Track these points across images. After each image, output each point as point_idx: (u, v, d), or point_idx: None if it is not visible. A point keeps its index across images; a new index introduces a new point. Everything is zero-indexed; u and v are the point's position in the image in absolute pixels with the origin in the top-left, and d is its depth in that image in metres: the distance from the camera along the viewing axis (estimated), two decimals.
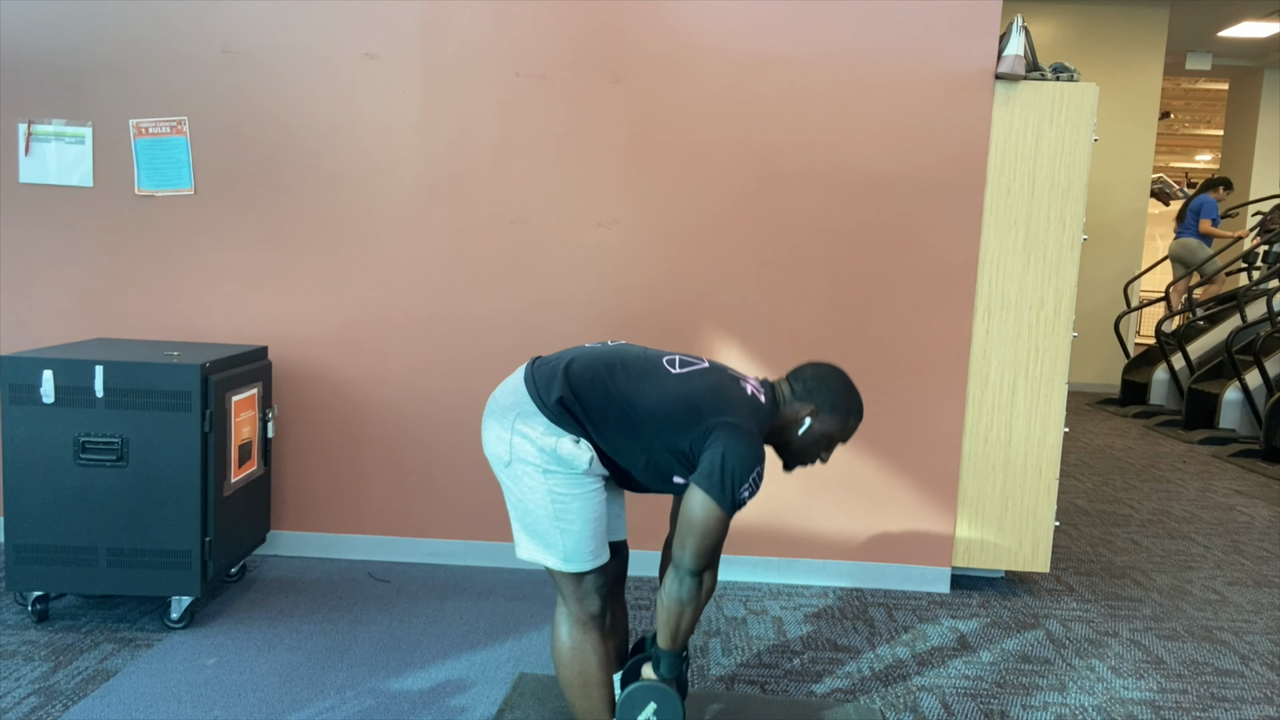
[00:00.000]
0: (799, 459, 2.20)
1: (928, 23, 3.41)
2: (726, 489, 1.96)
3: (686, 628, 2.06)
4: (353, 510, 3.68)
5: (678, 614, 2.04)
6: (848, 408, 2.16)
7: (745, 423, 2.03)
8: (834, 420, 2.15)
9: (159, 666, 2.76)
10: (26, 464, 2.92)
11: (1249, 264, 8.60)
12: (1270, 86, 10.47)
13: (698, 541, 1.99)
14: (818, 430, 2.15)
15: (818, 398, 2.14)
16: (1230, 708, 2.83)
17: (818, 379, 2.16)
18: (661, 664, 2.07)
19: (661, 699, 2.05)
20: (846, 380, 2.18)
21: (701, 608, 2.08)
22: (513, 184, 3.54)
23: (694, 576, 2.02)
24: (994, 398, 3.54)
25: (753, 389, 2.13)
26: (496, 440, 2.09)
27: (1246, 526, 4.81)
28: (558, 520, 2.06)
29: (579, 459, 2.04)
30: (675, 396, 2.04)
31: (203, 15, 3.51)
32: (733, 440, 1.98)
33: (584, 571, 2.10)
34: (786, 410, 2.15)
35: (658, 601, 2.07)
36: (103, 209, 3.59)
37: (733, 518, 2.02)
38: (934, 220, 3.49)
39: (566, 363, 2.10)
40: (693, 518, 1.99)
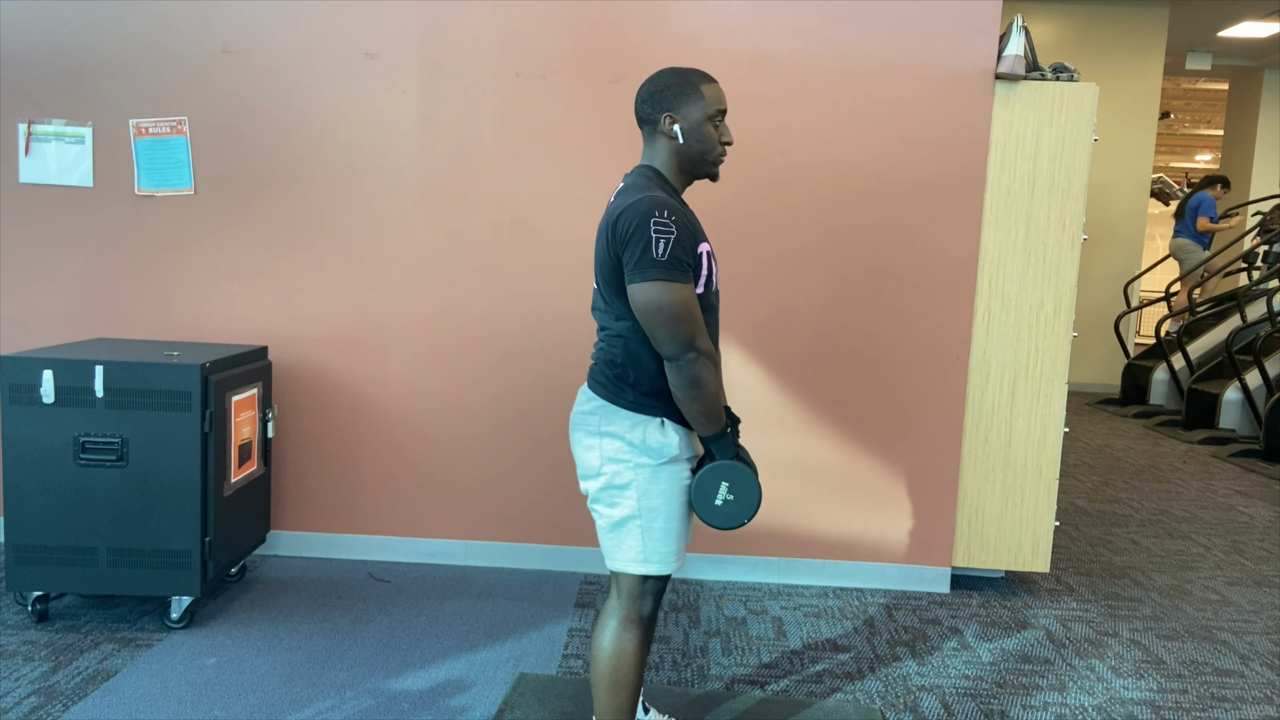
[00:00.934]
0: (707, 159, 2.09)
1: (928, 23, 3.41)
2: (645, 260, 1.91)
3: (710, 405, 1.99)
4: (353, 510, 3.68)
5: (694, 395, 1.97)
6: (687, 83, 2.06)
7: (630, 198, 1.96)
8: (692, 104, 2.05)
9: (159, 666, 2.76)
10: (26, 464, 2.92)
11: (1249, 264, 8.60)
12: (1270, 86, 10.46)
13: (658, 324, 1.93)
14: (688, 124, 2.05)
15: (662, 104, 2.05)
16: (1230, 708, 2.83)
17: (649, 95, 2.07)
18: (714, 448, 2.03)
19: (730, 475, 2.02)
20: (669, 70, 2.08)
21: (713, 379, 1.99)
22: (513, 184, 3.54)
23: (682, 356, 1.95)
24: (994, 398, 3.54)
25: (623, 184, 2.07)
26: (585, 449, 2.09)
27: (1246, 526, 4.81)
28: (642, 517, 2.05)
29: (668, 444, 2.03)
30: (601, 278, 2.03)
31: (203, 15, 3.51)
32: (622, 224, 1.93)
33: (659, 575, 2.09)
34: (659, 147, 2.08)
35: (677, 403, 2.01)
36: (103, 209, 3.59)
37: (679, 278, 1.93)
38: (934, 220, 3.49)
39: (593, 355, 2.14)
40: (638, 308, 1.94)
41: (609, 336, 2.08)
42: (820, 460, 3.58)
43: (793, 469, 3.59)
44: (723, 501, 2.03)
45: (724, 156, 2.12)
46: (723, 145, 2.10)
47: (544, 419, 3.60)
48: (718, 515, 2.03)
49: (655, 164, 2.09)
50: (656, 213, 1.92)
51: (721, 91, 2.09)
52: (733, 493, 2.02)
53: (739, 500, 2.03)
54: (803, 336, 3.55)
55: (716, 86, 2.09)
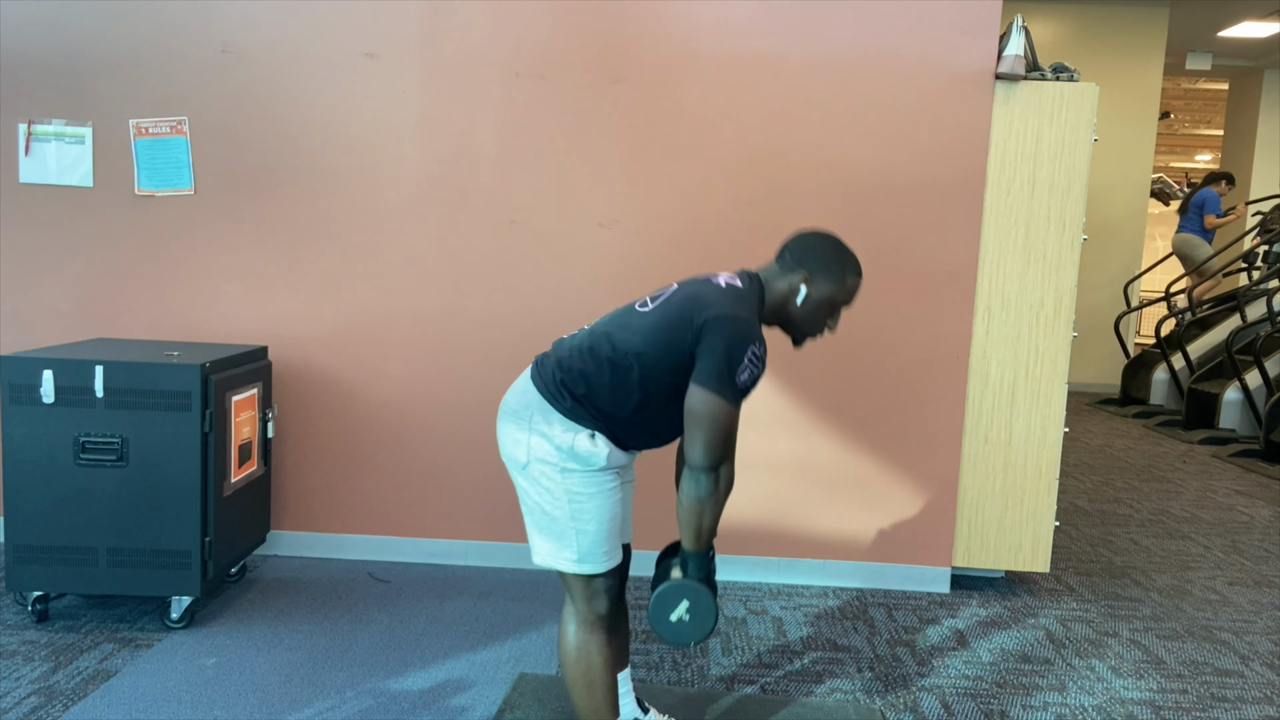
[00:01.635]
0: (806, 330, 2.13)
1: (928, 23, 3.41)
2: (724, 375, 1.92)
3: (709, 526, 2.01)
4: (353, 510, 3.68)
5: (698, 513, 1.99)
6: (842, 267, 2.09)
7: (726, 309, 1.97)
8: (830, 283, 2.09)
9: (159, 666, 2.76)
10: (26, 464, 2.92)
11: (1249, 264, 8.60)
12: (1270, 86, 10.46)
13: (705, 434, 1.94)
14: (815, 297, 2.09)
15: (809, 264, 2.08)
16: (1230, 708, 2.83)
17: (805, 247, 2.10)
18: (690, 565, 2.03)
19: (694, 596, 2.01)
20: (836, 241, 2.12)
21: (722, 503, 2.01)
22: (513, 184, 3.54)
23: (709, 472, 1.97)
24: (994, 398, 3.54)
25: (726, 280, 2.08)
26: (513, 443, 2.09)
27: (1246, 526, 4.81)
28: (574, 520, 2.05)
29: (596, 455, 2.03)
30: (656, 328, 2.01)
31: (203, 15, 3.51)
32: (719, 328, 1.94)
33: (597, 574, 2.10)
34: (779, 285, 2.10)
35: (677, 505, 2.02)
36: (103, 209, 3.59)
37: (740, 404, 1.96)
38: (934, 220, 3.49)
39: (561, 353, 2.11)
40: (694, 411, 1.95)
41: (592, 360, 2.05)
42: (820, 460, 3.58)
43: (793, 469, 3.59)
44: (677, 619, 2.02)
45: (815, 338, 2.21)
46: (824, 331, 2.15)
47: None
48: (668, 630, 2.03)
49: (768, 290, 2.11)
50: (755, 345, 1.96)
51: (857, 290, 2.13)
52: (690, 613, 2.02)
53: (693, 622, 2.02)
54: None
55: (858, 283, 2.13)
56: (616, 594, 2.17)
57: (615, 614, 2.20)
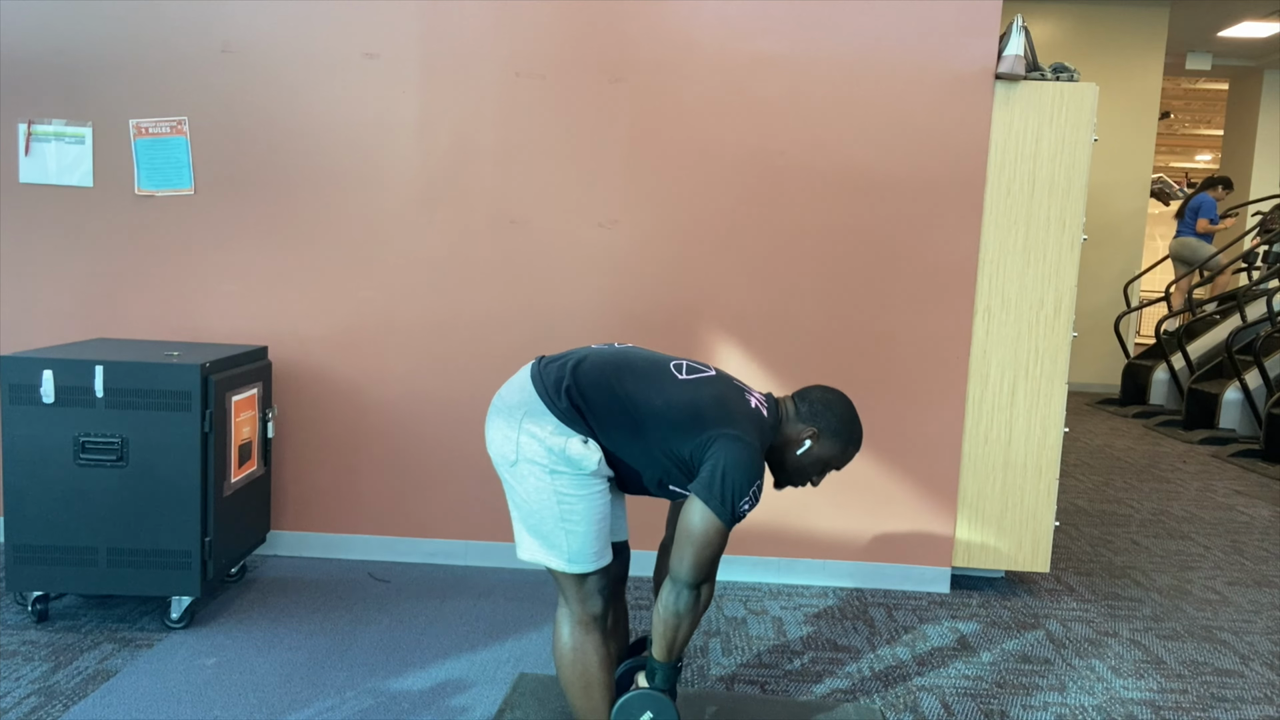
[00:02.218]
0: (792, 479, 2.20)
1: (928, 23, 3.41)
2: (726, 501, 1.97)
3: (683, 640, 2.06)
4: (353, 510, 3.68)
5: (674, 626, 2.04)
6: (849, 436, 2.17)
7: (747, 435, 2.03)
8: (833, 446, 2.16)
9: (159, 666, 2.76)
10: (26, 464, 2.92)
11: (1249, 264, 8.60)
12: (1270, 86, 10.46)
13: (696, 553, 1.99)
14: (816, 453, 2.15)
15: (821, 421, 2.15)
16: (1230, 708, 2.83)
17: (825, 404, 2.17)
18: (657, 675, 2.07)
19: (658, 709, 2.05)
20: (852, 409, 2.19)
21: (698, 620, 2.08)
22: (513, 184, 3.54)
23: (691, 589, 2.02)
24: (994, 398, 3.54)
25: (756, 402, 2.13)
26: (503, 439, 2.09)
27: (1246, 526, 4.81)
28: (563, 521, 2.05)
29: (587, 460, 2.04)
30: (680, 403, 2.04)
31: (203, 15, 3.51)
32: (734, 451, 1.98)
33: (587, 573, 2.10)
34: (789, 428, 2.16)
35: (654, 613, 2.06)
36: (103, 209, 3.59)
37: (730, 527, 2.01)
38: (934, 220, 3.49)
39: (575, 362, 2.11)
40: (692, 529, 1.99)
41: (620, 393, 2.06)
42: None
43: None
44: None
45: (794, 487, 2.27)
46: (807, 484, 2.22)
47: None
48: None
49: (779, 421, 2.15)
50: (758, 480, 2.01)
51: (849, 460, 2.22)
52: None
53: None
54: (802, 336, 3.55)
55: (853, 455, 2.23)
56: (611, 593, 2.18)
57: (611, 614, 2.20)
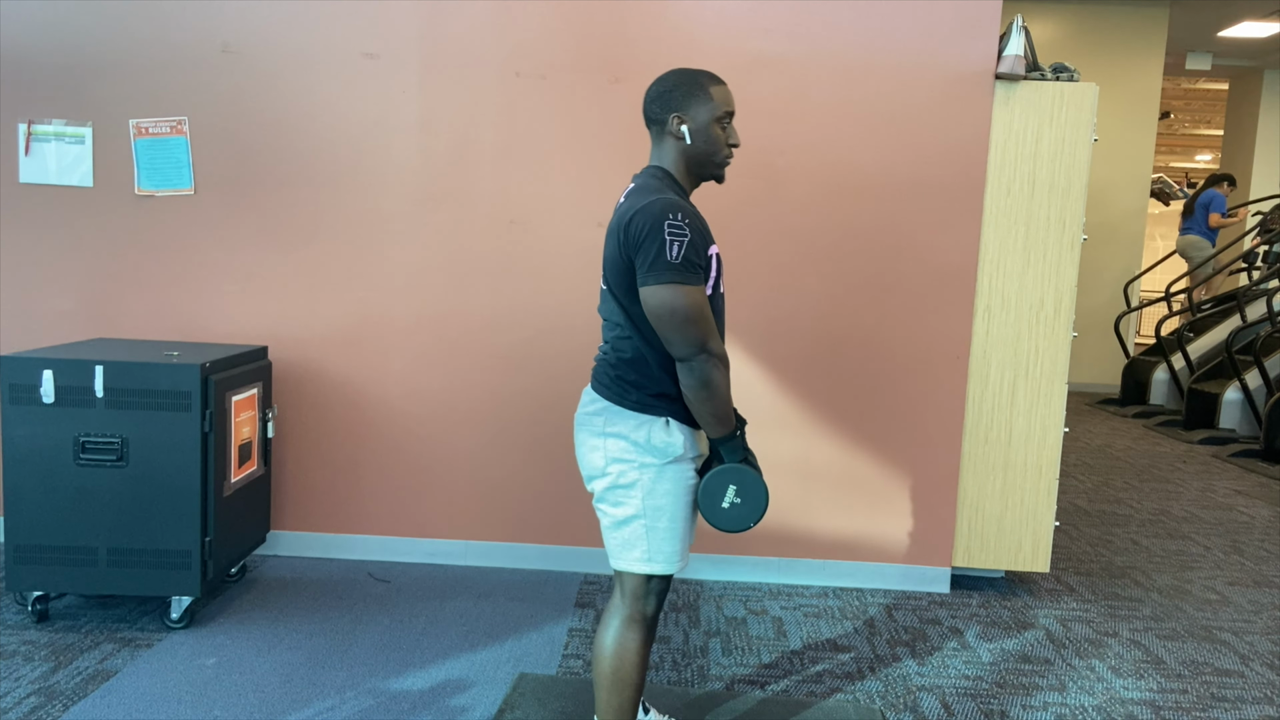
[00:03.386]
0: (714, 159, 2.09)
1: (928, 23, 3.41)
2: (658, 262, 1.91)
3: (722, 405, 1.99)
4: (353, 510, 3.69)
5: (705, 397, 1.97)
6: (695, 84, 2.06)
7: (637, 203, 1.96)
8: (698, 104, 2.05)
9: (159, 666, 2.76)
10: (26, 464, 2.92)
11: (1249, 264, 8.60)
12: (1270, 86, 10.46)
13: (671, 327, 1.93)
14: (696, 125, 2.06)
15: (670, 107, 2.06)
16: (1230, 708, 2.83)
17: (656, 97, 2.07)
18: (724, 450, 2.03)
19: (739, 478, 2.01)
20: (678, 71, 2.09)
21: (725, 381, 1.99)
22: (513, 184, 3.54)
23: (694, 358, 1.95)
24: (994, 398, 3.54)
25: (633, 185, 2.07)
26: (590, 450, 2.09)
27: (1246, 526, 4.81)
28: (646, 516, 2.05)
29: (672, 444, 2.03)
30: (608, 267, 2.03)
31: (203, 15, 3.51)
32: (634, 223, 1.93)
33: (662, 574, 2.09)
34: (666, 148, 2.08)
35: (687, 403, 2.01)
36: (103, 209, 3.59)
37: (694, 280, 1.93)
38: (934, 220, 3.49)
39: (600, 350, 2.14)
40: (651, 312, 1.94)
41: (617, 338, 2.08)
42: (820, 460, 3.58)
43: (793, 469, 3.59)
44: (729, 504, 2.02)
45: (730, 158, 2.12)
46: (730, 147, 2.10)
47: (544, 418, 3.60)
48: (724, 518, 2.03)
49: (664, 164, 2.10)
50: (670, 215, 1.92)
51: (729, 93, 2.10)
52: (740, 495, 2.02)
53: (745, 503, 2.02)
54: (803, 336, 3.55)
55: (725, 88, 2.09)
56: (665, 597, 2.17)
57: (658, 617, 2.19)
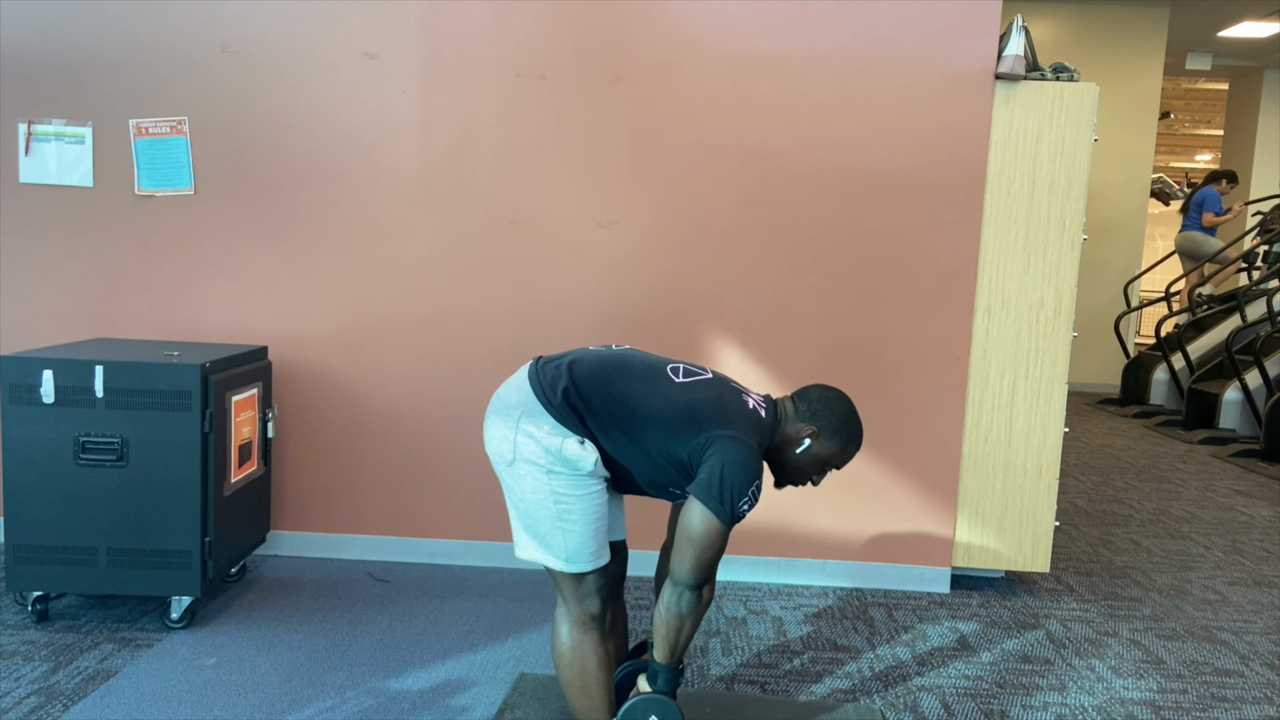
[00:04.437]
0: (792, 478, 2.20)
1: (928, 23, 3.41)
2: (726, 502, 1.97)
3: (685, 641, 2.07)
4: (353, 510, 3.68)
5: (676, 628, 2.04)
6: (848, 435, 2.17)
7: (745, 436, 2.03)
8: (833, 445, 2.16)
9: (159, 666, 2.76)
10: (26, 464, 2.92)
11: (1249, 264, 8.60)
12: (1270, 86, 10.46)
13: (697, 555, 2.00)
14: (815, 452, 2.15)
15: (821, 420, 2.15)
16: (1230, 708, 2.83)
17: (824, 402, 2.17)
18: (659, 678, 2.08)
19: (662, 712, 2.05)
20: (851, 408, 2.19)
21: (700, 621, 2.08)
22: (513, 184, 3.54)
23: (693, 590, 2.02)
24: (994, 398, 3.54)
25: (754, 403, 2.13)
26: (500, 439, 2.09)
27: (1246, 526, 4.81)
28: (560, 520, 2.06)
29: (584, 460, 2.04)
30: (677, 405, 2.05)
31: (203, 15, 3.51)
32: (733, 453, 1.99)
33: (585, 572, 2.10)
34: (788, 428, 2.16)
35: (655, 615, 2.07)
36: (103, 209, 3.59)
37: (730, 528, 2.01)
38: (934, 220, 3.49)
39: (570, 361, 2.11)
40: (692, 531, 1.99)
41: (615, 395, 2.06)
42: None
43: None
44: None
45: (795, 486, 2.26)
46: (807, 483, 2.22)
47: None
48: None
49: (778, 420, 2.16)
50: (757, 480, 2.02)
51: (849, 459, 2.21)
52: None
53: None
54: (803, 336, 3.55)
55: (853, 454, 2.22)
56: (609, 593, 2.18)
57: (610, 614, 2.20)
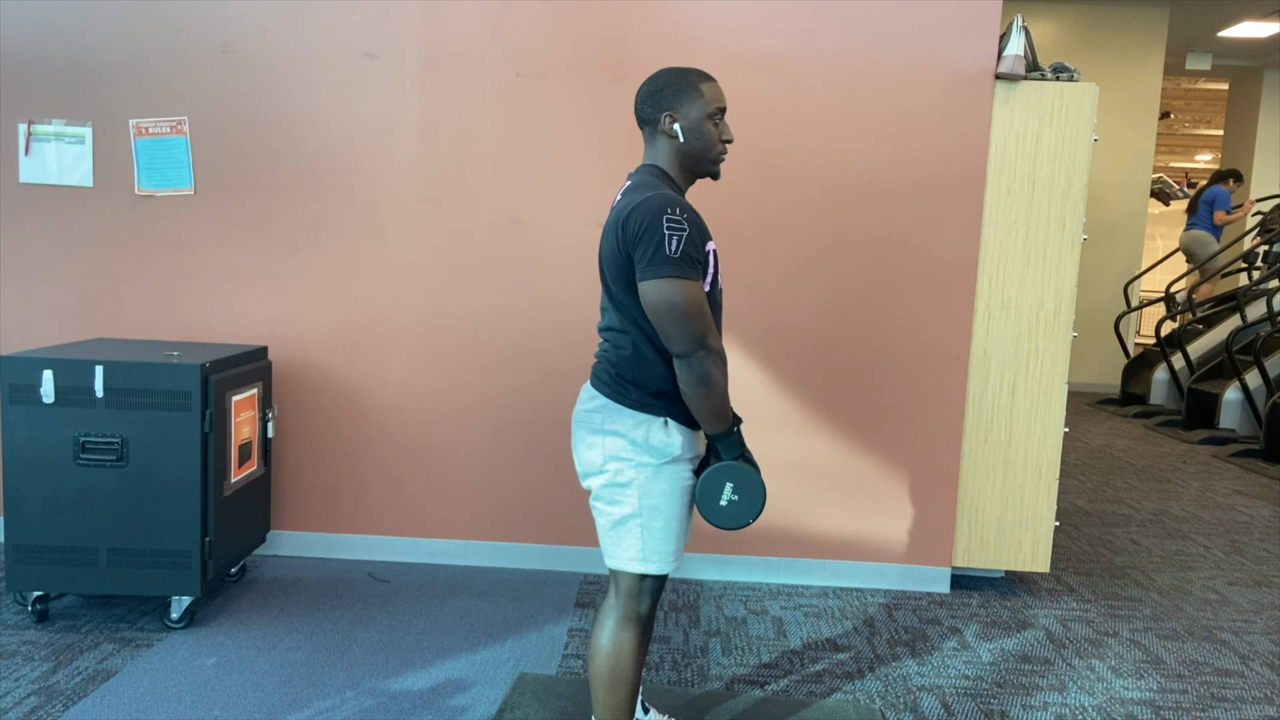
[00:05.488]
0: (708, 156, 2.09)
1: (928, 23, 3.41)
2: (657, 257, 1.91)
3: (719, 404, 1.99)
4: (353, 510, 3.68)
5: (703, 394, 1.97)
6: (686, 82, 2.06)
7: (633, 200, 1.96)
8: (689, 102, 2.06)
9: (159, 666, 2.76)
10: (26, 464, 2.92)
11: (1249, 264, 8.60)
12: (1270, 86, 10.46)
13: (669, 322, 1.93)
14: (688, 123, 2.06)
15: (661, 106, 2.06)
16: (1230, 708, 2.83)
17: (647, 96, 2.08)
18: (720, 448, 2.03)
19: (735, 476, 2.01)
20: (667, 70, 2.09)
21: (723, 378, 1.99)
22: (513, 184, 3.54)
23: (693, 355, 1.95)
24: (994, 398, 3.54)
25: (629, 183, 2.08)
26: (587, 447, 2.09)
27: (1246, 526, 4.81)
28: (642, 515, 2.05)
29: (670, 444, 2.03)
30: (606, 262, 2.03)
31: (203, 15, 3.51)
32: (633, 220, 1.93)
33: (657, 574, 2.09)
34: (660, 147, 2.09)
35: (685, 400, 2.00)
36: (103, 209, 3.59)
37: (692, 275, 1.93)
38: (934, 220, 3.49)
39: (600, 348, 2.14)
40: (650, 306, 1.94)
41: (615, 335, 2.08)
42: (820, 460, 3.58)
43: (793, 469, 3.59)
44: (727, 502, 2.02)
45: (725, 154, 2.13)
46: (723, 143, 2.11)
47: (544, 418, 3.60)
48: (722, 515, 2.03)
49: (659, 163, 2.10)
50: (669, 210, 1.92)
51: (720, 89, 2.10)
52: (737, 493, 2.01)
53: (743, 500, 2.02)
54: (803, 336, 3.55)
55: (715, 85, 2.09)
56: (660, 596, 2.16)
57: (653, 616, 2.19)
